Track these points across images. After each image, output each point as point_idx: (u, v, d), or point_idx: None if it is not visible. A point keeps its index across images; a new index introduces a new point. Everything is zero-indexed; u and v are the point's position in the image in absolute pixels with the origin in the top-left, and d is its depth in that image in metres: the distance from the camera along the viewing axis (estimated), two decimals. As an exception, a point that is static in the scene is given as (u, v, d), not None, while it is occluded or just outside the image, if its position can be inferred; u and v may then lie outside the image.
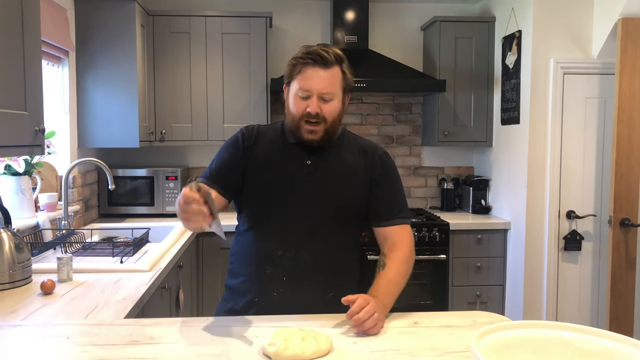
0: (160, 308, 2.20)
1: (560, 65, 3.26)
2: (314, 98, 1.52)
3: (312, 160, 1.60)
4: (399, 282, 1.54)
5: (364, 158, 1.65)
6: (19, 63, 1.67)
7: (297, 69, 1.54)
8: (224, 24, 3.54)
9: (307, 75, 1.52)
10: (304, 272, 1.56)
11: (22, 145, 1.71)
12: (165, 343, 1.26)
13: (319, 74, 1.52)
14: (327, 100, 1.54)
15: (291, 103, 1.57)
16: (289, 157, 1.61)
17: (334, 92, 1.54)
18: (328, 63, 1.52)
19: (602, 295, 3.32)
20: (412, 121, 4.10)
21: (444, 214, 3.82)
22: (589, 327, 1.04)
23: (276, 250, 1.57)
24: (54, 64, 2.93)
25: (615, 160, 2.98)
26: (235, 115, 3.54)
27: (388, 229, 1.64)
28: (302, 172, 1.60)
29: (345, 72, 1.57)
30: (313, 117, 1.53)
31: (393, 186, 1.67)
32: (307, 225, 1.57)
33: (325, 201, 1.59)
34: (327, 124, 1.55)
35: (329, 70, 1.53)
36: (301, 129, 1.56)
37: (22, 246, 1.91)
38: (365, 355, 1.20)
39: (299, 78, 1.53)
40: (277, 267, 1.57)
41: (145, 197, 3.53)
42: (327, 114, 1.54)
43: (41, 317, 1.56)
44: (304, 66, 1.52)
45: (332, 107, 1.55)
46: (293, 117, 1.57)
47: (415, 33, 4.03)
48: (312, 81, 1.52)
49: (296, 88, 1.54)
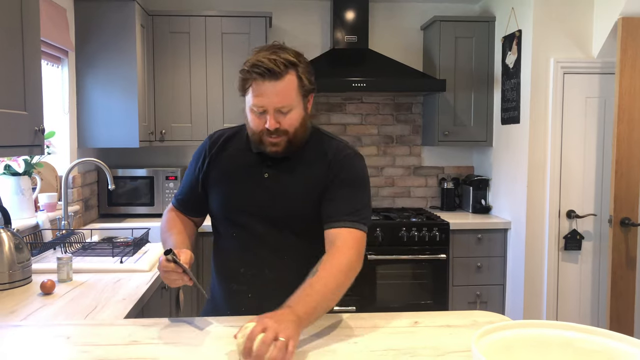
0: (161, 308, 2.20)
1: (560, 65, 3.26)
2: (270, 113, 1.42)
3: (270, 173, 1.52)
4: (325, 295, 1.30)
5: (325, 163, 1.51)
6: (18, 63, 1.67)
7: (247, 83, 1.43)
8: (223, 24, 3.54)
9: (258, 90, 1.41)
10: (269, 289, 1.51)
11: (22, 145, 1.71)
12: (166, 343, 1.26)
13: (270, 88, 1.39)
14: (285, 113, 1.43)
15: (249, 117, 1.48)
16: (249, 169, 1.54)
17: (291, 104, 1.43)
18: (278, 74, 1.39)
19: (602, 295, 3.32)
20: (412, 121, 4.10)
21: (444, 213, 3.82)
22: (589, 326, 1.04)
23: (239, 268, 1.54)
24: (54, 64, 2.93)
25: (615, 159, 2.98)
26: (235, 115, 3.54)
27: (333, 232, 1.43)
28: (260, 186, 1.52)
29: (302, 77, 1.43)
30: (272, 132, 1.43)
31: (346, 188, 1.49)
32: (268, 242, 1.52)
33: (283, 216, 1.51)
34: (289, 135, 1.45)
35: (281, 81, 1.39)
36: (263, 142, 1.47)
37: (22, 246, 1.91)
38: (365, 355, 1.20)
39: (251, 92, 1.43)
40: (241, 285, 1.54)
41: (145, 197, 3.53)
42: (288, 126, 1.44)
43: (41, 317, 1.56)
44: (252, 80, 1.41)
45: (292, 118, 1.44)
46: (253, 132, 1.48)
47: (415, 33, 4.03)
48: (265, 97, 1.40)
49: (250, 103, 1.44)
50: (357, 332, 1.34)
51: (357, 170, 1.53)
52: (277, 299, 1.31)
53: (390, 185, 4.10)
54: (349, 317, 1.45)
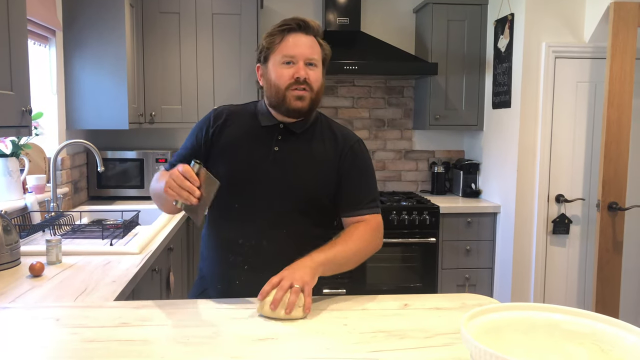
0: (151, 290, 2.20)
1: (552, 49, 3.25)
2: (300, 63, 1.47)
3: (280, 146, 1.54)
4: (345, 253, 1.46)
5: (335, 146, 1.57)
6: (4, 42, 1.64)
7: (277, 39, 1.49)
8: (214, 4, 3.49)
9: (290, 42, 1.47)
10: (266, 261, 1.51)
11: (9, 126, 1.69)
12: (156, 325, 1.26)
13: (302, 39, 1.48)
14: (312, 67, 1.49)
15: (274, 75, 1.49)
16: (257, 142, 1.55)
17: (318, 59, 1.51)
18: (309, 29, 1.49)
19: (589, 278, 3.36)
20: (403, 104, 4.09)
21: (434, 197, 3.83)
22: (576, 309, 1.05)
23: (237, 239, 1.54)
24: (41, 44, 2.88)
25: (604, 144, 2.99)
26: (226, 96, 3.51)
27: (356, 218, 1.57)
28: (269, 159, 1.53)
29: (322, 45, 1.53)
30: (301, 82, 1.47)
31: (363, 177, 1.59)
32: (270, 214, 1.53)
33: (289, 190, 1.53)
34: (313, 92, 1.50)
35: (310, 37, 1.50)
36: (287, 98, 1.49)
37: (10, 228, 1.90)
38: (355, 337, 1.21)
39: (281, 47, 1.48)
40: (238, 256, 1.54)
41: (135, 180, 3.51)
42: (314, 81, 1.49)
43: (30, 299, 1.55)
44: (286, 34, 1.48)
45: (317, 74, 1.51)
46: (278, 89, 1.49)
47: (408, 15, 4.00)
48: (297, 47, 1.47)
49: (279, 58, 1.48)
50: (347, 315, 1.35)
51: (367, 158, 1.62)
52: (273, 272, 1.36)
53: (381, 169, 4.11)
54: (338, 300, 1.46)
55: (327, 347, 1.15)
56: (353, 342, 1.18)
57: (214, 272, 1.61)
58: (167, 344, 1.16)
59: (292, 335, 1.21)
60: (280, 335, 1.21)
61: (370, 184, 1.61)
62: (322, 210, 1.59)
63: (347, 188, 1.57)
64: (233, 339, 1.18)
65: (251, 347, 1.15)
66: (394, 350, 1.15)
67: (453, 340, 1.19)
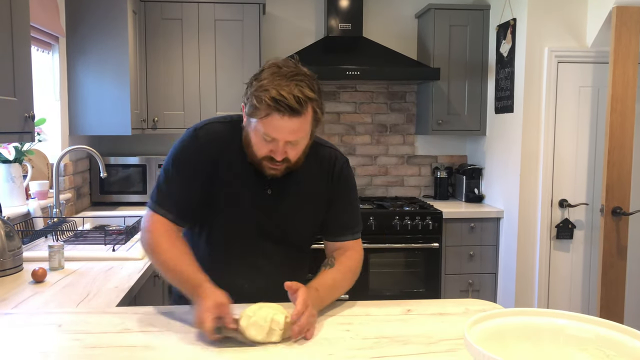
0: (153, 296, 2.20)
1: (554, 54, 3.25)
2: (280, 144, 1.35)
3: (273, 188, 1.48)
4: (341, 287, 1.48)
5: (325, 174, 1.53)
6: (7, 48, 1.65)
7: (261, 112, 1.32)
8: (216, 11, 3.50)
9: (273, 123, 1.32)
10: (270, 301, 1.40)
11: (12, 132, 1.69)
12: (158, 331, 1.25)
13: (287, 124, 1.32)
14: (295, 144, 1.38)
15: (253, 140, 1.38)
16: (248, 181, 1.47)
17: (304, 136, 1.39)
18: (298, 112, 1.31)
19: (593, 283, 3.35)
20: (406, 110, 4.09)
21: (437, 202, 3.83)
22: (580, 314, 1.04)
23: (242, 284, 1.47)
24: (44, 50, 2.89)
25: (608, 149, 2.99)
26: (228, 103, 3.52)
27: (343, 244, 1.56)
28: (263, 202, 1.48)
29: (317, 110, 1.37)
30: (277, 161, 1.38)
31: (351, 203, 1.58)
32: (271, 256, 1.51)
33: (286, 233, 1.51)
34: (290, 163, 1.41)
35: (299, 118, 1.32)
36: (262, 166, 1.42)
37: (13, 234, 1.90)
38: (358, 342, 1.20)
39: (264, 122, 1.32)
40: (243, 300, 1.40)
41: (137, 185, 3.51)
42: (293, 156, 1.40)
43: (32, 305, 1.55)
44: (271, 112, 1.31)
45: (299, 149, 1.40)
46: (254, 155, 1.41)
47: (410, 21, 4.01)
48: (279, 131, 1.33)
49: (261, 131, 1.34)
50: (350, 320, 1.34)
51: (352, 180, 1.60)
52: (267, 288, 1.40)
53: (383, 174, 4.10)
54: (341, 305, 1.46)
55: (329, 352, 1.15)
56: (356, 347, 1.18)
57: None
58: (169, 350, 1.15)
59: (295, 342, 1.20)
60: (283, 341, 1.20)
61: (356, 208, 1.60)
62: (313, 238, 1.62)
63: (335, 214, 1.55)
64: (235, 346, 1.18)
65: (253, 353, 1.15)
66: (397, 356, 1.14)
67: (456, 346, 1.18)
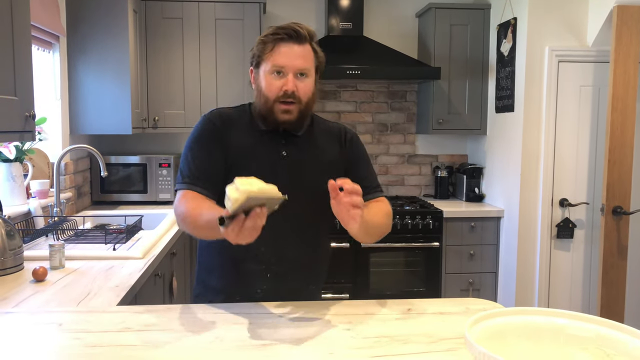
0: (154, 295, 2.20)
1: (555, 53, 3.25)
2: (289, 75, 1.46)
3: (288, 151, 1.54)
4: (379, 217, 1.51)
5: (337, 142, 1.61)
6: (8, 48, 1.65)
7: (268, 47, 1.46)
8: (217, 10, 3.50)
9: (281, 51, 1.45)
10: (288, 266, 1.52)
11: (12, 131, 1.69)
12: (158, 330, 1.25)
13: (293, 49, 1.45)
14: (303, 77, 1.48)
15: (263, 84, 1.49)
16: (263, 148, 1.53)
17: (309, 68, 1.49)
18: (302, 39, 1.46)
19: (593, 283, 3.35)
20: (406, 109, 4.09)
21: (437, 201, 3.83)
22: (580, 313, 1.04)
23: (258, 247, 1.40)
24: (45, 49, 2.89)
25: (608, 148, 2.98)
26: (228, 102, 3.48)
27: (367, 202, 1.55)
28: (279, 164, 1.52)
29: (317, 50, 1.51)
30: (289, 96, 1.46)
31: (367, 164, 1.65)
32: (289, 218, 1.50)
33: (306, 193, 1.51)
34: (301, 104, 1.49)
35: (303, 46, 1.47)
36: (275, 110, 1.48)
37: (14, 233, 1.90)
38: (358, 341, 1.20)
39: (271, 55, 1.46)
40: (260, 264, 1.51)
41: (138, 185, 3.51)
42: (302, 93, 1.48)
43: (33, 304, 1.55)
44: (277, 42, 1.45)
45: (307, 85, 1.49)
46: (266, 99, 1.49)
47: (410, 20, 4.01)
48: (287, 57, 1.45)
49: (269, 66, 1.47)
50: (350, 319, 1.34)
51: (363, 146, 1.68)
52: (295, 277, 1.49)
53: (384, 173, 4.10)
54: (342, 305, 1.46)
55: (330, 352, 1.15)
56: (356, 347, 1.18)
57: (230, 283, 1.56)
58: (170, 349, 1.15)
59: (295, 341, 1.20)
60: (283, 340, 1.20)
61: (372, 169, 1.67)
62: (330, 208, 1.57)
63: (355, 176, 1.53)
64: (235, 345, 1.18)
65: (253, 352, 1.15)
66: (398, 355, 1.14)
67: (457, 345, 1.18)
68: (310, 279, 1.60)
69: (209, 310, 1.40)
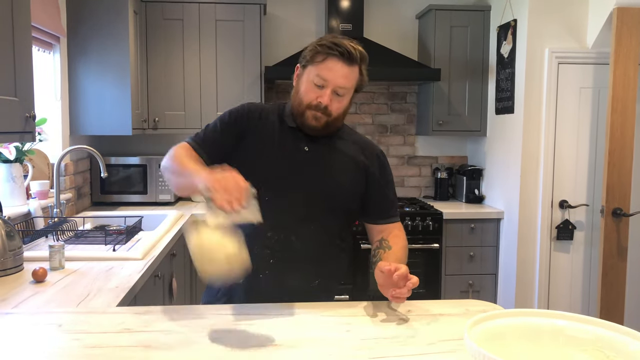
0: (153, 296, 2.20)
1: (555, 55, 3.25)
2: (328, 90, 1.51)
3: (310, 147, 1.59)
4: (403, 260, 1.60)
5: (362, 153, 1.65)
6: (8, 48, 1.65)
7: (320, 56, 1.51)
8: (217, 11, 3.50)
9: (328, 66, 1.50)
10: (292, 256, 1.55)
11: (13, 131, 1.69)
12: (158, 331, 1.25)
13: (341, 68, 1.50)
14: (340, 96, 1.53)
15: (303, 87, 1.55)
16: (287, 140, 1.59)
17: (349, 88, 1.53)
18: (353, 60, 1.51)
19: (593, 284, 3.35)
20: (406, 110, 4.09)
21: (437, 203, 3.83)
22: (580, 315, 1.04)
23: (266, 231, 1.51)
24: (45, 50, 2.89)
25: (608, 150, 2.98)
26: (229, 103, 3.48)
27: (385, 226, 1.66)
28: (300, 156, 1.58)
29: (363, 73, 1.56)
30: (321, 109, 1.51)
31: (391, 186, 1.69)
32: (299, 210, 1.55)
33: (320, 188, 1.57)
34: (330, 118, 1.54)
35: (351, 67, 1.51)
36: (306, 114, 1.54)
37: (14, 234, 1.90)
38: (357, 343, 1.20)
39: (319, 65, 1.50)
40: (265, 248, 1.54)
41: (138, 185, 3.52)
42: (335, 110, 1.54)
43: (33, 305, 1.55)
44: (329, 56, 1.50)
45: (342, 104, 1.55)
46: (300, 102, 1.55)
47: (411, 21, 4.01)
48: (332, 73, 1.50)
49: (313, 74, 1.51)
50: (350, 320, 1.34)
51: (390, 168, 1.71)
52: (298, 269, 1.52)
53: (384, 174, 4.10)
54: (341, 306, 1.46)
55: (329, 353, 1.15)
56: (356, 348, 1.18)
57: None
58: (169, 350, 1.15)
59: (295, 342, 1.20)
60: (283, 341, 1.20)
61: (394, 194, 1.72)
62: (348, 212, 1.64)
63: (377, 196, 1.65)
64: (235, 345, 1.18)
65: (253, 353, 1.15)
66: (397, 356, 1.14)
67: (456, 347, 1.18)
68: (315, 274, 1.59)
69: (209, 310, 1.40)
